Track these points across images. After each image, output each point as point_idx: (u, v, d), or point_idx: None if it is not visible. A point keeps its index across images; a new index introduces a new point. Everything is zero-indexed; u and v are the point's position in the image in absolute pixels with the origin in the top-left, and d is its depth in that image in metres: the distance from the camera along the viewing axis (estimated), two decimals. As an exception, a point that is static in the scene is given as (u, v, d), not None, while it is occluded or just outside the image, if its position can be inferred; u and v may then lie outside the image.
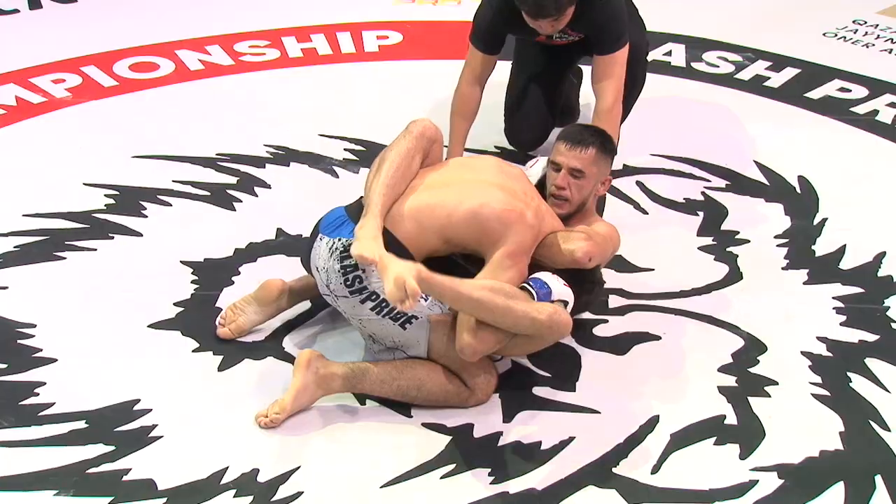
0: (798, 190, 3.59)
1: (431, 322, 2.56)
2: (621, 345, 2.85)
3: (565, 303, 2.57)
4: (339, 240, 2.58)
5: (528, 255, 2.65)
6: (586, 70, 3.70)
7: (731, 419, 2.60)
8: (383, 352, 2.63)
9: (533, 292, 2.54)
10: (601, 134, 2.86)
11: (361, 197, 2.66)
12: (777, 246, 3.30)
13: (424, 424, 2.55)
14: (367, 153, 3.73)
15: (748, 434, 2.55)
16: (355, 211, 2.62)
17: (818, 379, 2.73)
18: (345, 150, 3.77)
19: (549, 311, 2.48)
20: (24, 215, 3.35)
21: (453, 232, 2.63)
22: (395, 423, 2.56)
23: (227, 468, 2.41)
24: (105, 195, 3.49)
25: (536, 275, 2.61)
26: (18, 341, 2.80)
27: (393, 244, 2.54)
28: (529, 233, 2.63)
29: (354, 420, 2.56)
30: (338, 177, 3.63)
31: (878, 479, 2.43)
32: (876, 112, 4.11)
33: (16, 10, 5.04)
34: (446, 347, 2.56)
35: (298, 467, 2.42)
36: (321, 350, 2.62)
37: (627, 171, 3.64)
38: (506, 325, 2.47)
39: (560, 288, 2.58)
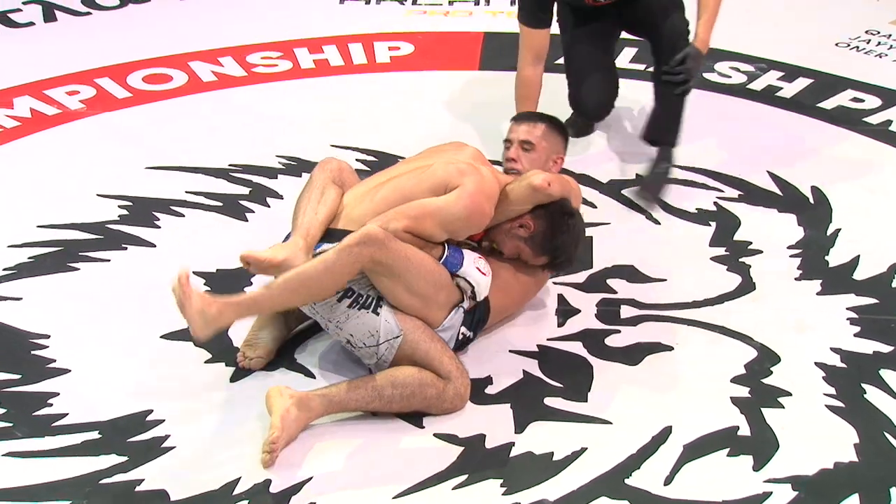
0: (811, 200, 3.58)
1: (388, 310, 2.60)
2: (633, 355, 2.85)
3: (469, 284, 2.65)
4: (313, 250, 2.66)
5: (489, 204, 2.69)
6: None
7: (745, 430, 2.58)
8: (363, 351, 2.63)
9: (445, 253, 2.63)
10: (551, 117, 3.07)
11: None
12: (790, 256, 3.28)
13: (436, 435, 2.55)
14: (378, 163, 3.73)
15: (762, 445, 2.54)
16: (335, 234, 2.69)
17: (832, 390, 2.72)
18: (356, 160, 3.78)
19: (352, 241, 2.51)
20: (38, 226, 3.37)
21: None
22: (406, 434, 2.56)
23: (239, 479, 2.41)
24: (119, 206, 3.51)
25: (461, 248, 2.68)
26: (32, 352, 2.81)
27: None
28: (486, 181, 2.70)
29: (366, 431, 2.56)
30: (350, 187, 3.64)
31: (893, 491, 2.42)
32: (889, 122, 4.09)
33: (31, 23, 5.07)
34: (412, 336, 2.58)
35: (310, 478, 2.42)
36: (329, 361, 2.71)
37: (640, 181, 3.64)
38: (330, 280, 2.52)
39: (471, 269, 2.65)
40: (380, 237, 2.52)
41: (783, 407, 2.66)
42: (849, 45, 4.83)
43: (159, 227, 3.41)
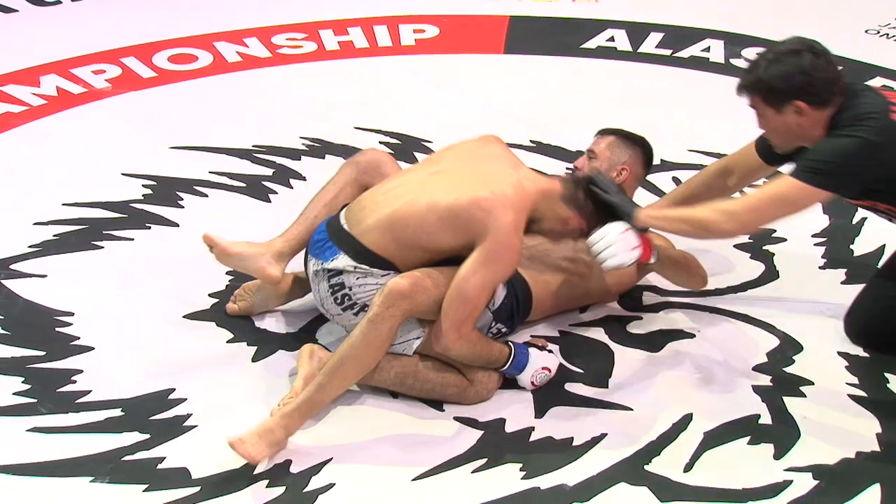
0: None
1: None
2: (655, 342, 2.84)
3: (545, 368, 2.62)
4: (321, 263, 2.60)
5: (518, 236, 2.50)
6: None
7: (766, 419, 2.57)
8: None
9: (511, 357, 2.58)
10: (628, 133, 2.93)
11: (345, 206, 2.68)
12: (814, 245, 3.26)
13: (456, 418, 2.56)
14: (402, 146, 3.73)
15: (783, 434, 2.52)
16: (335, 229, 2.61)
17: (854, 380, 2.70)
18: (380, 142, 3.78)
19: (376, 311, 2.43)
20: (63, 204, 3.39)
21: (431, 241, 2.52)
22: (427, 418, 2.56)
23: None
24: (143, 185, 3.52)
25: (527, 346, 2.62)
26: (56, 329, 2.84)
27: (380, 263, 2.54)
28: (511, 212, 2.47)
29: (387, 413, 2.57)
30: (373, 170, 3.64)
31: (915, 482, 2.40)
32: (918, 110, 4.05)
33: (58, 2, 5.10)
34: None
35: (331, 459, 2.43)
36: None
37: (664, 166, 3.62)
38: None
39: (526, 379, 2.61)
40: (405, 291, 2.43)
41: (805, 396, 2.65)
42: (878, 33, 4.78)
43: (183, 207, 3.42)
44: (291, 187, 3.54)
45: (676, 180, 3.57)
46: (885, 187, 2.57)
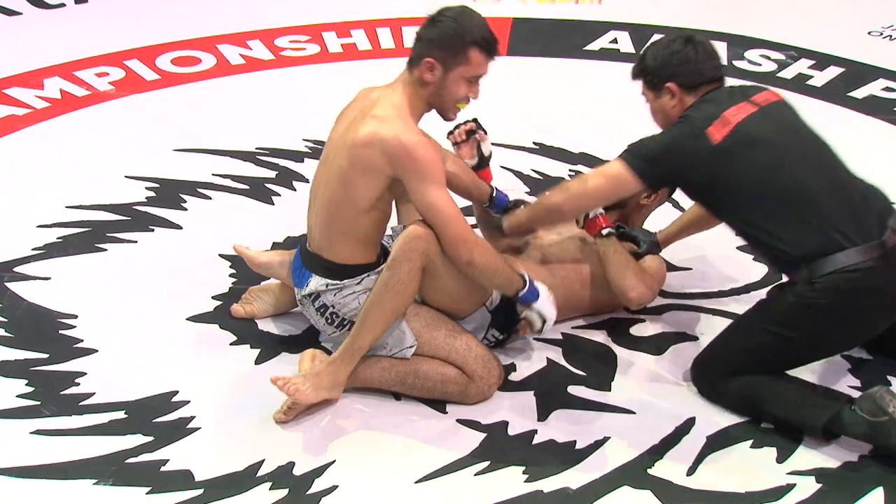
0: None
1: (406, 313, 2.56)
2: (658, 345, 2.84)
3: (541, 318, 2.57)
4: (300, 291, 2.64)
5: (414, 137, 2.45)
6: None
7: (768, 423, 2.57)
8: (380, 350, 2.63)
9: (526, 284, 2.55)
10: None
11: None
12: (818, 247, 3.25)
13: (459, 421, 2.56)
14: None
15: (786, 437, 2.52)
16: (304, 253, 2.64)
17: (857, 382, 2.70)
18: (383, 145, 3.78)
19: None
20: (67, 207, 3.40)
21: (362, 202, 2.50)
22: (430, 420, 2.56)
23: (262, 461, 2.42)
24: (146, 188, 3.53)
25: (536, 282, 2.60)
26: (60, 331, 2.84)
27: (347, 272, 2.57)
28: (394, 125, 2.44)
29: (390, 416, 2.57)
30: (376, 172, 3.64)
31: (918, 485, 2.40)
32: (921, 112, 4.05)
33: (62, 4, 5.11)
34: (429, 335, 2.56)
35: (334, 461, 2.43)
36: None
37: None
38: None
39: (547, 305, 2.57)
40: (422, 233, 2.46)
41: (808, 399, 2.64)
42: (882, 34, 4.77)
43: (186, 210, 3.42)
44: (295, 189, 3.54)
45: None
46: (719, 199, 2.56)
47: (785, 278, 2.61)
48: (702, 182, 2.53)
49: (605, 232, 2.76)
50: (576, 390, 2.67)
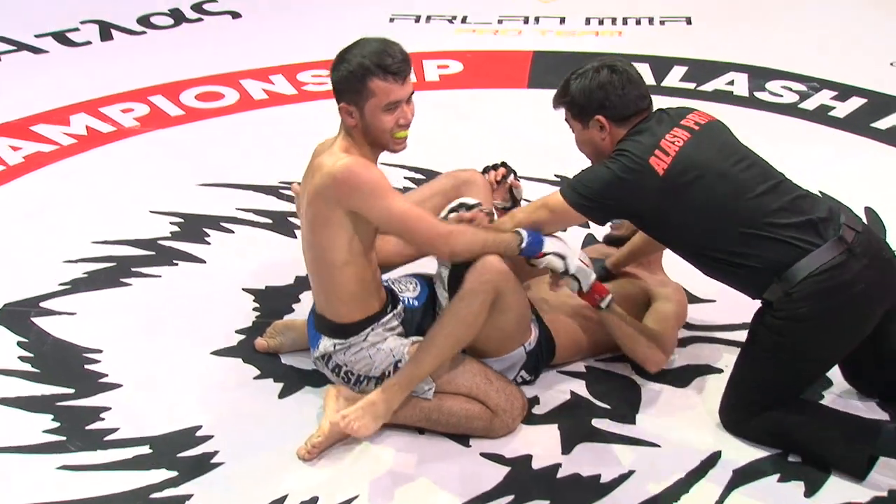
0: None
1: None
2: (682, 377, 2.82)
3: (559, 257, 2.54)
4: (313, 353, 2.66)
5: (353, 163, 2.48)
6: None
7: (796, 456, 2.54)
8: None
9: (524, 237, 2.51)
10: None
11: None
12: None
13: (483, 455, 2.55)
14: (426, 181, 3.73)
15: (813, 471, 2.49)
16: (314, 315, 2.66)
17: (885, 416, 2.67)
18: (405, 178, 3.80)
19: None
20: (92, 242, 3.43)
21: (333, 244, 2.53)
22: (453, 454, 2.56)
23: (286, 496, 2.42)
24: (170, 222, 3.56)
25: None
26: (85, 366, 2.86)
27: (350, 330, 2.59)
28: (335, 160, 2.50)
29: (413, 449, 2.57)
30: (398, 205, 3.65)
31: (949, 520, 2.37)
32: (945, 142, 4.03)
33: (88, 42, 5.18)
34: (449, 374, 2.56)
35: (357, 496, 2.43)
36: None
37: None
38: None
39: (554, 243, 2.54)
40: (498, 265, 2.46)
41: (835, 432, 2.62)
42: (903, 65, 4.76)
43: (209, 244, 3.45)
44: (317, 223, 3.55)
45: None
46: (674, 236, 2.56)
47: (758, 303, 2.56)
48: (649, 214, 2.52)
49: (603, 304, 2.68)
50: (600, 423, 2.66)
